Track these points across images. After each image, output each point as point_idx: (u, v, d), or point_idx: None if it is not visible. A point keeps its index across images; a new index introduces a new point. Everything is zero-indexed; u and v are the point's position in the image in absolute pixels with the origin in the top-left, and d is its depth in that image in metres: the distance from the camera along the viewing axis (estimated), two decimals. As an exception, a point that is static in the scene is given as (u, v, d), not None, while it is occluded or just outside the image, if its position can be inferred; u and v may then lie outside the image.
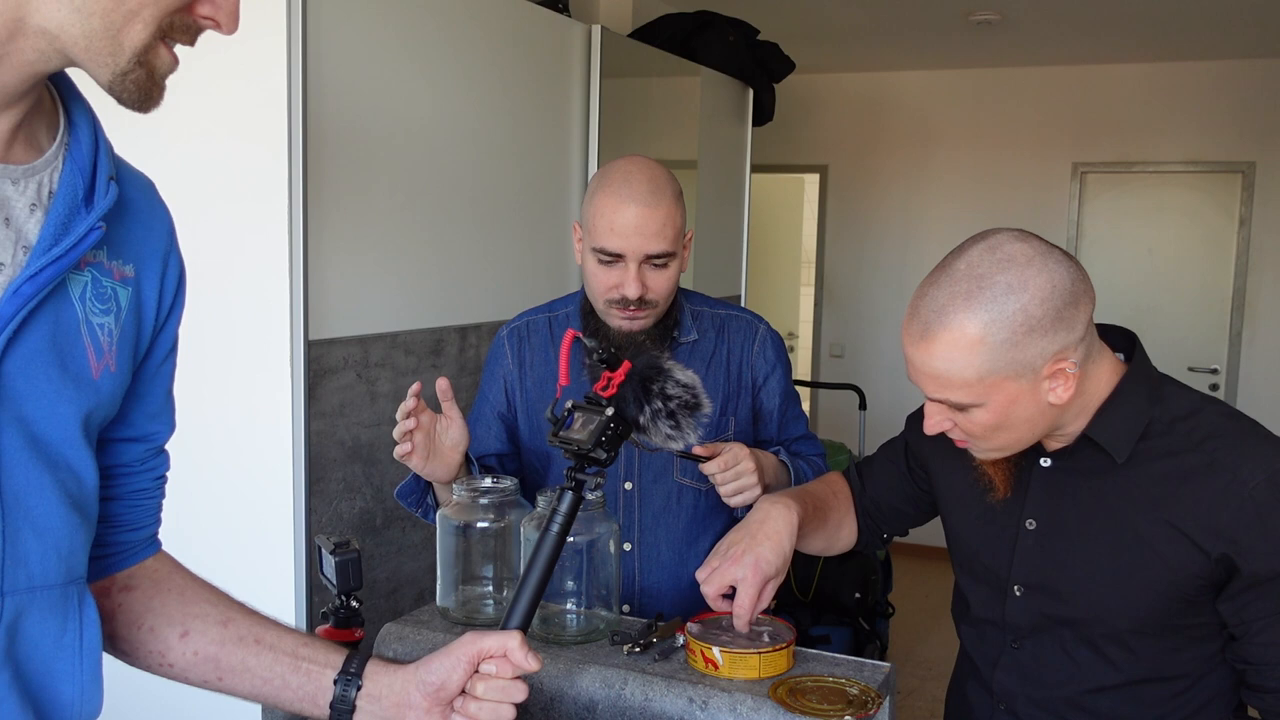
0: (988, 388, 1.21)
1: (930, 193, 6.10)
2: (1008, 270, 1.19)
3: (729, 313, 1.83)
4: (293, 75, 2.06)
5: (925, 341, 1.22)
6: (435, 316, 2.55)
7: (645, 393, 1.10)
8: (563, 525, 1.07)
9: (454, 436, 1.56)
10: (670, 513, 1.76)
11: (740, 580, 1.36)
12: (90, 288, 0.89)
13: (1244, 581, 1.23)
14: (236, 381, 2.17)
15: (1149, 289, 5.63)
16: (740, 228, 4.37)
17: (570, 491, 1.08)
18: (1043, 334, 1.19)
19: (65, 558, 0.88)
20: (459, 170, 2.61)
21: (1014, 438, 1.28)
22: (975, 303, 1.19)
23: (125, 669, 1.07)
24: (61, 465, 0.87)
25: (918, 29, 4.99)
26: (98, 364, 0.90)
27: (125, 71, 0.82)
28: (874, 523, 1.62)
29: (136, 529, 1.04)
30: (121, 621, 1.04)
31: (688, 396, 1.11)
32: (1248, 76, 5.49)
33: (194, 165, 2.15)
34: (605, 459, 1.08)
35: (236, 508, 2.16)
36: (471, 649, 1.03)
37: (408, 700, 1.04)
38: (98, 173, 0.88)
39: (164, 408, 1.03)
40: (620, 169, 1.65)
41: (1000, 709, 1.42)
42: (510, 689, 1.03)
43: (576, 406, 1.13)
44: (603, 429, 1.08)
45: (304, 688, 1.05)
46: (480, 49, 2.68)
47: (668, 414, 1.10)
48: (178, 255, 1.01)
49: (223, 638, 1.05)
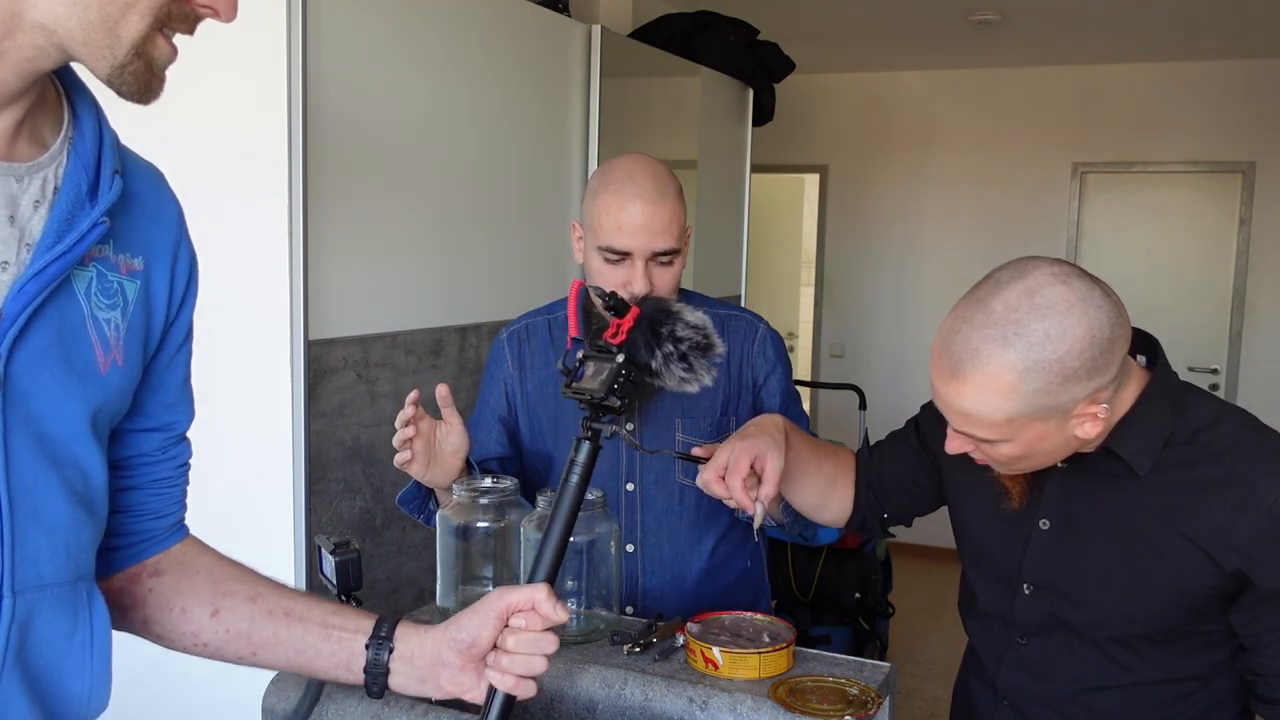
0: (1015, 428, 1.20)
1: (930, 192, 6.10)
2: (1047, 318, 1.15)
3: (729, 313, 1.83)
4: (293, 75, 2.06)
5: (956, 380, 1.19)
6: (435, 316, 2.55)
7: (655, 337, 1.09)
8: (582, 476, 1.07)
9: (454, 442, 1.56)
10: (673, 514, 1.76)
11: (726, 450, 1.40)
12: (96, 283, 0.89)
13: (1257, 595, 1.22)
14: (237, 381, 2.17)
15: (1149, 289, 5.62)
16: (740, 228, 4.37)
17: (587, 442, 1.08)
18: (1078, 381, 1.16)
19: (73, 555, 0.88)
20: (459, 170, 2.61)
21: (1036, 464, 1.28)
22: (1011, 349, 1.15)
23: (131, 666, 1.07)
24: (69, 463, 0.87)
25: (918, 29, 4.99)
26: (105, 359, 0.89)
27: (124, 64, 0.81)
28: (876, 498, 1.57)
29: (161, 516, 1.05)
30: (153, 606, 1.04)
31: (699, 338, 1.10)
32: (1248, 76, 5.49)
33: (194, 165, 2.15)
34: (619, 407, 1.08)
35: (236, 508, 2.16)
36: (500, 604, 1.04)
37: (441, 659, 1.05)
38: (102, 167, 0.88)
39: (181, 397, 1.04)
40: (623, 166, 1.66)
41: (1005, 704, 1.42)
42: (541, 641, 1.04)
43: (587, 356, 1.12)
44: (614, 376, 1.07)
45: (336, 655, 1.06)
46: (480, 49, 2.68)
47: (679, 356, 1.09)
48: (188, 245, 1.01)
49: (253, 613, 1.06)
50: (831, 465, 1.58)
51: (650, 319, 1.09)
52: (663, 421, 1.75)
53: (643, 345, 1.09)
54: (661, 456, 1.72)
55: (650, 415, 1.75)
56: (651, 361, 1.09)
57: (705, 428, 1.75)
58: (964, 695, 1.53)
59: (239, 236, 2.13)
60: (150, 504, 1.03)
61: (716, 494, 1.41)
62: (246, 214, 2.12)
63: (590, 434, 1.08)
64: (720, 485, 1.39)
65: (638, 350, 1.09)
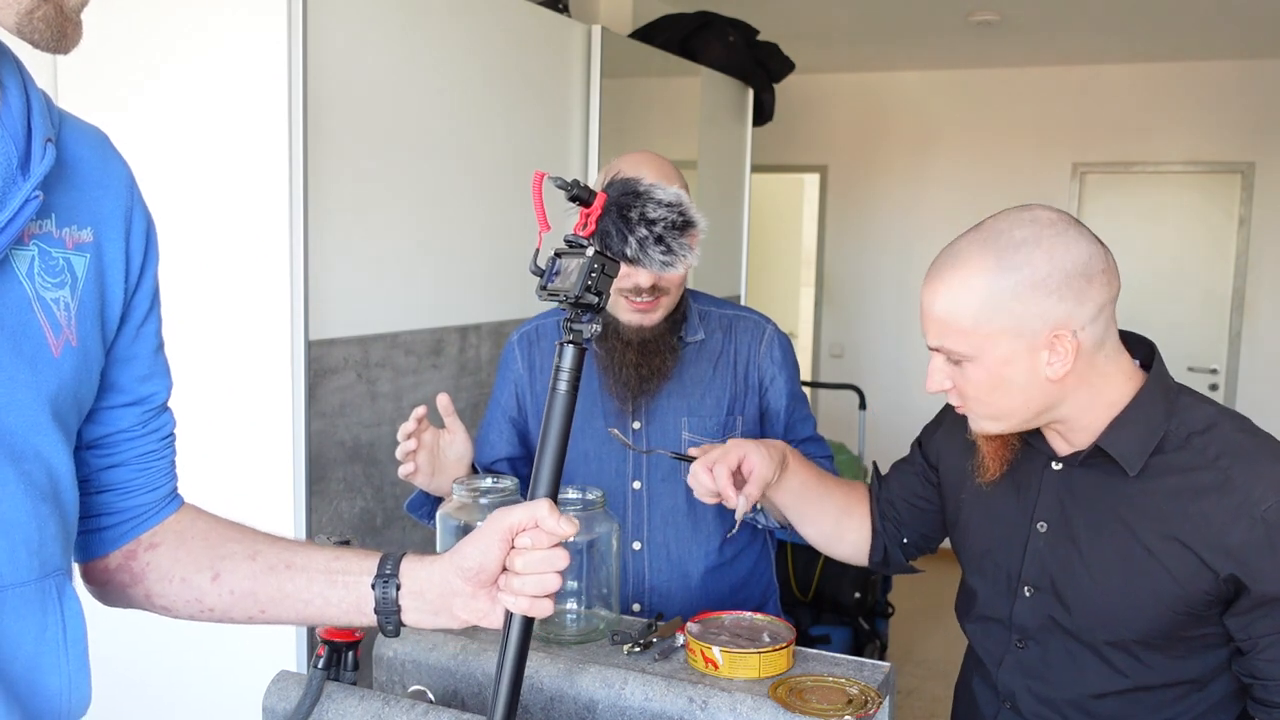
0: (983, 338, 1.22)
1: (930, 193, 6.10)
2: (1028, 229, 1.22)
3: (736, 313, 1.84)
4: (293, 76, 2.06)
5: (933, 280, 1.26)
6: (435, 316, 2.55)
7: (625, 222, 1.01)
8: (570, 381, 1.01)
9: (458, 450, 1.56)
10: (679, 512, 1.77)
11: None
12: (38, 261, 0.83)
13: (1252, 600, 1.22)
14: (237, 381, 2.17)
15: (1149, 289, 5.62)
16: (740, 228, 4.37)
17: (572, 345, 1.02)
18: (1047, 294, 1.20)
19: (36, 552, 0.84)
20: (459, 170, 2.61)
21: (1008, 404, 1.27)
22: (988, 249, 1.22)
23: (132, 667, 1.07)
24: (28, 455, 0.82)
25: (918, 29, 4.99)
26: (56, 341, 0.84)
27: (30, 9, 0.75)
28: (894, 525, 1.58)
29: (151, 490, 1.01)
30: (153, 579, 1.02)
31: (674, 216, 1.03)
32: (1248, 76, 5.49)
33: (194, 165, 2.15)
34: (597, 303, 1.01)
35: (237, 507, 2.14)
36: (502, 525, 0.99)
37: (451, 588, 1.01)
38: (33, 136, 0.81)
39: (155, 368, 0.99)
40: (628, 161, 1.68)
41: (1005, 706, 1.42)
42: (550, 558, 0.99)
43: (559, 253, 1.05)
44: (587, 271, 1.01)
45: (345, 600, 1.03)
46: (480, 49, 2.68)
47: (655, 239, 1.02)
48: (142, 209, 0.95)
49: (253, 571, 1.02)
50: (842, 495, 1.59)
51: (617, 204, 1.02)
52: (669, 421, 1.76)
53: (615, 233, 1.01)
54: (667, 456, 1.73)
55: (656, 415, 1.76)
56: (626, 249, 1.01)
57: (712, 427, 1.76)
58: (966, 696, 1.53)
59: (240, 237, 2.14)
60: (138, 479, 1.00)
61: (703, 484, 1.43)
62: (247, 214, 2.12)
63: (573, 335, 1.02)
64: (707, 475, 1.42)
65: (610, 239, 1.01)
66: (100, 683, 0.95)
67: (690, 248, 1.04)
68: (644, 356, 1.72)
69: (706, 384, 1.78)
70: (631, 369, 1.71)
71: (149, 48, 2.15)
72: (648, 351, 1.72)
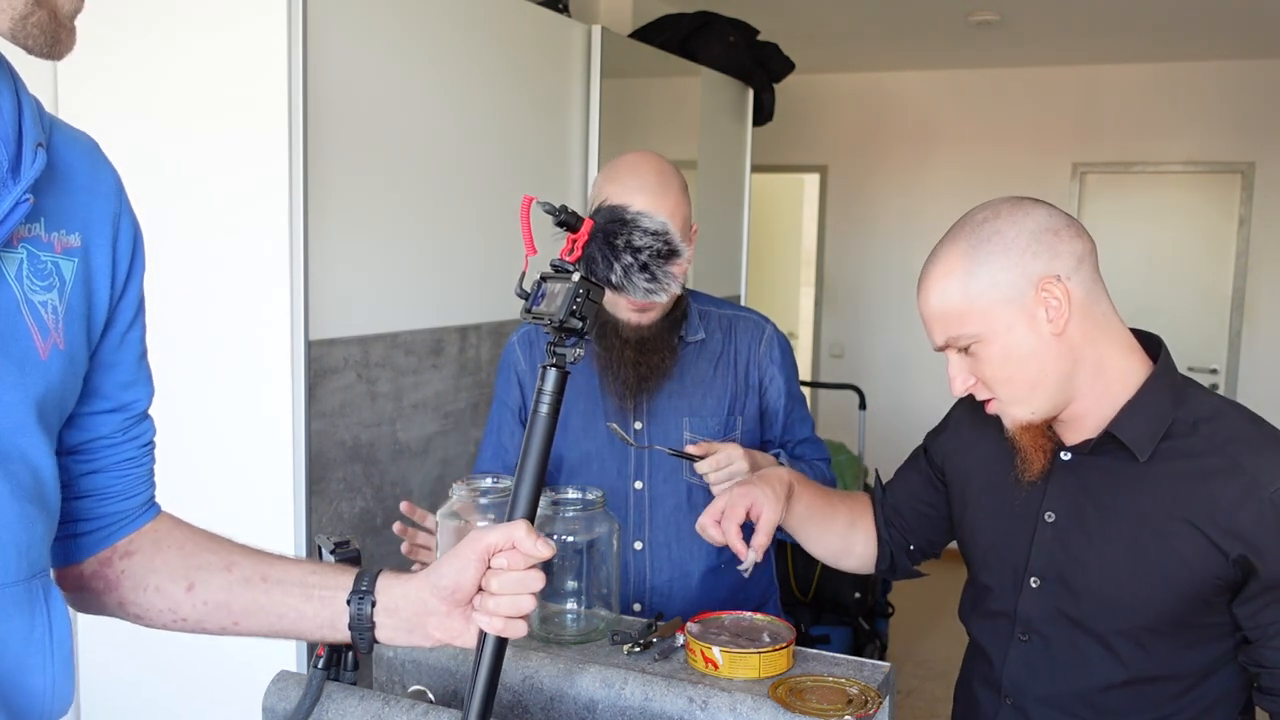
0: (980, 314, 1.26)
1: (930, 193, 6.10)
2: (986, 210, 1.31)
3: (736, 313, 1.85)
4: (293, 76, 2.06)
5: (921, 285, 1.32)
6: (435, 316, 2.55)
7: (611, 249, 1.03)
8: (551, 404, 1.02)
9: None
10: (681, 512, 1.77)
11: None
12: (27, 264, 0.83)
13: (1260, 585, 1.24)
14: (237, 382, 2.17)
15: (1149, 289, 5.63)
16: (740, 228, 4.37)
17: (554, 369, 1.03)
18: (1020, 253, 1.25)
19: (24, 553, 0.84)
20: (459, 170, 2.61)
21: (1029, 376, 1.28)
22: (958, 238, 1.30)
23: (131, 667, 1.06)
24: (14, 457, 0.83)
25: (918, 29, 4.99)
26: (44, 344, 0.84)
27: (24, 15, 0.76)
28: (899, 532, 1.58)
29: (129, 497, 1.01)
30: (127, 587, 1.02)
31: (659, 245, 1.04)
32: (1248, 76, 5.49)
33: (194, 165, 2.15)
34: (581, 328, 1.02)
35: (237, 507, 2.16)
36: (479, 546, 0.99)
37: (426, 607, 1.01)
38: (23, 140, 0.81)
39: (138, 375, 0.99)
40: (628, 162, 1.69)
41: (1007, 704, 1.43)
42: (526, 579, 0.99)
43: (545, 277, 1.07)
44: (572, 296, 1.02)
45: (320, 614, 1.03)
46: (480, 49, 2.68)
47: (640, 267, 1.03)
48: (130, 216, 0.95)
49: (229, 582, 1.02)
50: (846, 510, 1.59)
51: (604, 230, 1.03)
52: (670, 421, 1.76)
53: (600, 259, 1.03)
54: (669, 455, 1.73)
55: (657, 414, 1.76)
56: (611, 275, 1.03)
57: (712, 427, 1.76)
58: (966, 696, 1.53)
59: (240, 237, 2.13)
60: (116, 486, 1.00)
61: (712, 538, 1.42)
62: (247, 215, 2.12)
63: (555, 359, 1.03)
64: (716, 530, 1.41)
65: (596, 265, 1.03)
66: (100, 683, 0.95)
67: (675, 276, 1.06)
68: (642, 355, 1.72)
69: (707, 384, 1.78)
70: (630, 367, 1.72)
71: (149, 49, 2.15)
72: (646, 350, 1.72)
